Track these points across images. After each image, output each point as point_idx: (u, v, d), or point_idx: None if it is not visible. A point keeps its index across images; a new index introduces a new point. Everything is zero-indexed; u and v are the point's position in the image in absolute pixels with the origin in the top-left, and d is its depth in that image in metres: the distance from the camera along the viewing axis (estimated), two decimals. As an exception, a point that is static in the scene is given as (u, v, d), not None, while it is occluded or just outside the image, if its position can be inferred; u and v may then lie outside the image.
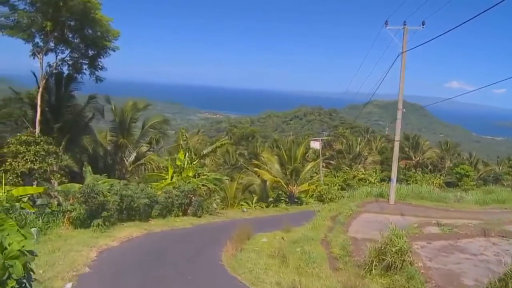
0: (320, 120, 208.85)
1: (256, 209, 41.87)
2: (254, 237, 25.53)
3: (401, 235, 13.88)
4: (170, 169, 32.62)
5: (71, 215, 20.98)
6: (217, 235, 25.00)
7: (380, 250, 14.07)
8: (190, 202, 30.65)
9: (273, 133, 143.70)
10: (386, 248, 13.74)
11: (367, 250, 14.97)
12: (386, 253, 13.67)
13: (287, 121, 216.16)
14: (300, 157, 48.64)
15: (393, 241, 13.62)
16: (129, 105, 38.69)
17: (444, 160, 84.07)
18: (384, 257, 13.67)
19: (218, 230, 27.45)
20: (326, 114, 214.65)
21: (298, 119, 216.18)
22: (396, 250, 13.29)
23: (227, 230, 27.60)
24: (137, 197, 25.76)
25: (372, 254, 14.24)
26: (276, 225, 31.56)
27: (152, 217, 27.62)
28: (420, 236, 18.54)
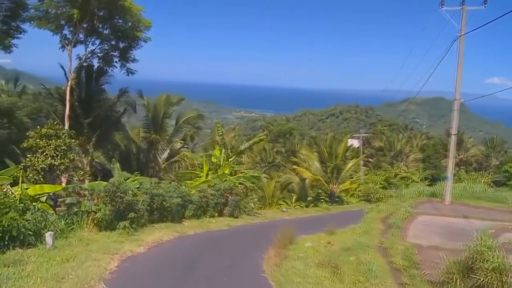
0: (357, 118, 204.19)
1: (296, 209, 39.08)
2: (297, 240, 22.68)
3: (493, 247, 10.79)
4: (205, 166, 30.15)
5: (96, 216, 18.62)
6: (256, 239, 22.39)
7: (465, 265, 11.02)
8: (227, 201, 28.13)
9: (309, 131, 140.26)
10: (474, 263, 10.69)
11: (443, 263, 11.94)
12: (474, 269, 10.62)
13: (323, 119, 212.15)
14: (341, 155, 45.59)
15: (484, 255, 10.54)
16: (162, 100, 36.47)
17: (489, 158, 79.29)
18: (473, 275, 10.60)
19: (257, 232, 24.84)
20: (363, 112, 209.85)
21: (334, 117, 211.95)
22: (493, 268, 10.18)
23: (267, 233, 24.92)
24: (169, 196, 23.35)
25: (454, 269, 11.20)
26: (318, 226, 29.01)
27: (185, 218, 25.23)
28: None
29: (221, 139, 31.29)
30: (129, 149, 38.72)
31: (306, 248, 20.82)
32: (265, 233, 24.61)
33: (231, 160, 30.93)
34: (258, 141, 32.79)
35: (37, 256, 13.37)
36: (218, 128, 31.81)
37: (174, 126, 37.47)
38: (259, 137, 33.17)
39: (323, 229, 27.57)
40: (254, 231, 25.13)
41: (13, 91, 37.80)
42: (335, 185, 44.88)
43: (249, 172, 31.96)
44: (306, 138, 77.34)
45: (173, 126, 37.54)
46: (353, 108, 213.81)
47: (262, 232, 25.17)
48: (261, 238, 22.53)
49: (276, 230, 25.78)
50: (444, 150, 79.73)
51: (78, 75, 33.28)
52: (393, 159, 68.30)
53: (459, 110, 26.84)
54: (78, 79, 33.41)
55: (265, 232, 25.27)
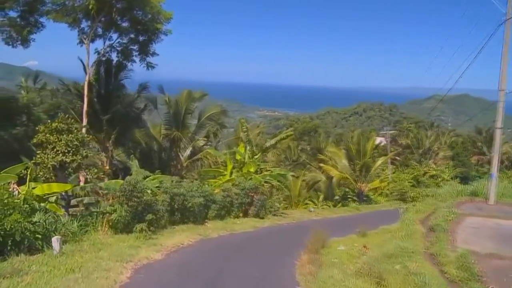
0: (380, 116, 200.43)
1: (323, 209, 37.02)
2: (329, 243, 20.69)
3: None
4: (229, 164, 28.35)
5: (111, 218, 16.92)
6: (285, 242, 20.49)
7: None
8: (252, 201, 26.28)
9: (333, 130, 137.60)
10: None
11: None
12: None
13: (346, 117, 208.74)
14: (370, 152, 43.29)
15: None
16: (183, 96, 34.75)
17: (524, 156, 75.70)
18: None
19: (285, 234, 22.94)
20: (386, 110, 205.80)
21: (357, 115, 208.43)
22: None
23: (296, 235, 23.01)
24: (190, 196, 21.63)
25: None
26: (349, 227, 27.09)
27: (208, 219, 23.50)
28: None
29: (245, 136, 29.41)
30: (150, 147, 37.13)
31: (339, 253, 18.83)
32: (294, 235, 22.71)
33: (256, 157, 29.08)
34: (285, 137, 30.81)
35: (40, 265, 11.68)
36: (243, 124, 29.92)
37: (197, 123, 35.73)
38: (286, 133, 31.12)
39: (354, 230, 25.67)
40: (282, 233, 23.21)
41: (31, 88, 36.57)
42: (363, 183, 42.65)
43: (275, 170, 30.05)
44: (331, 136, 75.13)
45: (195, 123, 35.78)
46: (377, 106, 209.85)
47: (291, 234, 23.25)
48: (290, 241, 20.62)
49: (306, 232, 23.85)
50: (473, 148, 76.72)
51: (97, 70, 31.78)
52: (422, 156, 65.45)
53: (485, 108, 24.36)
54: (97, 74, 31.91)
55: (294, 234, 23.35)
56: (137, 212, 17.76)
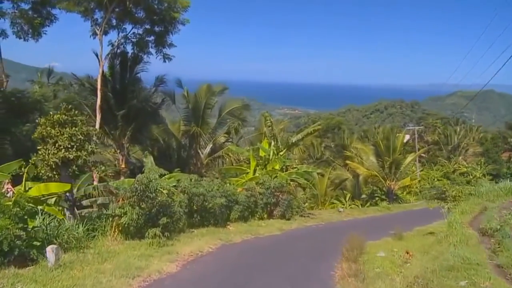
0: (402, 113, 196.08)
1: (352, 209, 34.50)
2: (366, 248, 18.20)
3: None
4: (253, 162, 25.98)
5: (120, 222, 14.69)
6: (317, 247, 18.08)
7: None
8: (278, 201, 23.91)
9: (355, 127, 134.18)
10: None
11: None
12: None
13: (367, 114, 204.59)
14: (400, 148, 40.52)
15: None
16: (203, 89, 32.49)
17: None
18: None
19: (316, 238, 20.50)
20: (408, 107, 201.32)
21: (378, 113, 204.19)
22: None
23: (328, 238, 20.55)
24: (211, 196, 19.38)
25: None
26: (382, 229, 24.65)
27: (230, 221, 21.27)
28: None
29: (269, 131, 27.04)
30: (168, 144, 34.99)
31: (380, 260, 16.30)
32: (325, 239, 20.27)
33: (281, 154, 26.69)
34: (312, 132, 28.30)
35: (27, 282, 9.47)
36: (266, 118, 27.48)
37: (217, 118, 33.40)
38: (313, 128, 28.59)
39: (389, 232, 23.14)
40: (312, 237, 20.77)
41: (44, 83, 34.66)
42: (392, 181, 39.91)
43: (302, 167, 27.59)
44: (355, 133, 72.35)
45: (215, 118, 33.47)
46: (398, 103, 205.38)
47: (322, 237, 20.82)
48: (322, 246, 18.23)
49: (338, 235, 21.46)
50: (504, 144, 73.15)
51: (112, 64, 29.73)
52: (450, 153, 62.33)
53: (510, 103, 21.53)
54: (112, 68, 29.85)
55: (325, 237, 20.91)
56: (150, 215, 15.54)
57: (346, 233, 22.68)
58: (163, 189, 18.80)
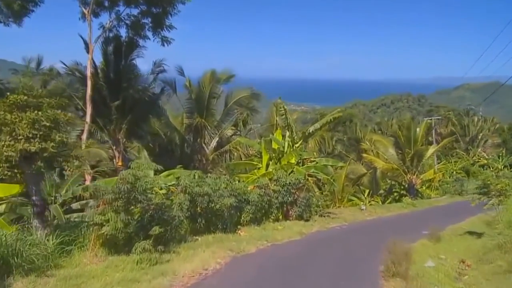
0: (409, 107, 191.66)
1: (373, 206, 30.83)
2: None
3: None
4: (265, 155, 22.36)
5: (102, 232, 11.19)
6: (350, 257, 14.51)
7: None
8: (295, 200, 20.35)
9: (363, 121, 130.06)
10: None
11: None
12: None
13: (374, 109, 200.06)
14: (421, 139, 36.76)
15: None
16: (207, 77, 28.88)
17: None
18: None
19: (345, 243, 16.92)
20: (415, 101, 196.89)
21: (385, 107, 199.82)
22: None
23: (359, 243, 16.97)
24: (218, 195, 15.84)
25: None
26: (413, 229, 21.27)
27: (241, 224, 17.79)
28: None
29: (283, 120, 23.34)
30: (170, 138, 31.44)
31: (432, 274, 12.76)
32: (356, 245, 16.69)
33: (297, 146, 23.06)
34: (331, 120, 24.35)
35: None
36: (279, 105, 23.70)
37: (223, 108, 29.74)
38: (332, 115, 24.62)
39: (422, 233, 19.78)
40: (339, 242, 17.16)
41: (29, 72, 31.09)
42: (413, 175, 36.18)
43: (321, 160, 23.92)
44: (369, 124, 68.58)
45: (222, 109, 29.82)
46: (405, 97, 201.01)
47: (351, 242, 17.22)
48: (356, 255, 14.66)
49: (367, 238, 18.05)
50: (524, 134, 69.45)
51: (105, 50, 26.24)
52: (468, 144, 58.46)
53: None
54: (105, 55, 26.37)
55: (355, 242, 17.32)
56: (142, 222, 12.05)
57: (375, 235, 19.28)
58: (159, 188, 15.39)
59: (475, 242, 20.17)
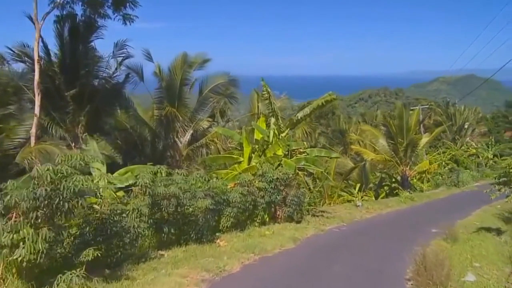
0: (386, 101, 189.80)
1: (367, 201, 27.50)
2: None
3: None
4: (247, 147, 18.65)
5: (14, 258, 7.47)
6: (362, 272, 10.97)
7: None
8: (284, 199, 16.81)
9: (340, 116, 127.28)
10: None
11: None
12: None
13: (352, 104, 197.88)
14: (414, 127, 33.56)
15: None
16: (178, 62, 24.94)
17: None
18: None
19: (350, 251, 13.40)
20: (392, 95, 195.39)
21: (363, 102, 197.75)
22: None
23: (369, 250, 13.55)
24: (190, 197, 12.20)
25: None
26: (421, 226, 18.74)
27: (221, 231, 14.14)
28: None
29: (267, 105, 19.54)
30: (140, 134, 27.38)
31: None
32: (365, 252, 13.24)
33: (284, 135, 19.41)
34: (323, 104, 20.41)
35: None
36: (264, 88, 19.74)
37: (198, 97, 25.80)
38: (324, 99, 20.55)
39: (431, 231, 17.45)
40: (343, 249, 13.64)
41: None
42: (407, 166, 32.96)
43: (313, 151, 20.30)
44: (353, 116, 65.46)
45: (196, 98, 25.85)
46: (382, 91, 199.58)
47: (357, 249, 13.74)
48: (369, 269, 11.14)
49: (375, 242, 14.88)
50: (505, 123, 67.37)
51: (60, 32, 22.19)
52: (456, 134, 55.67)
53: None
54: (60, 37, 22.32)
55: (363, 249, 13.89)
56: (83, 238, 8.37)
57: (382, 238, 15.93)
58: (114, 191, 11.70)
59: (498, 242, 17.01)
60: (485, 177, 40.11)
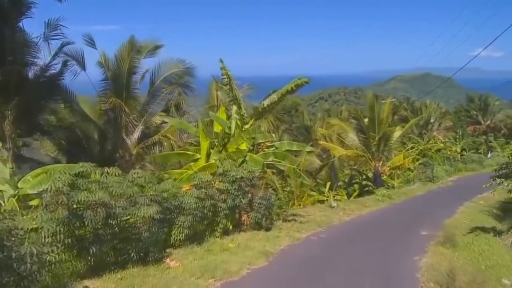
0: (346, 99, 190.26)
1: (341, 201, 24.80)
2: None
3: None
4: (204, 141, 15.39)
5: None
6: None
7: None
8: (251, 202, 13.75)
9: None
10: None
11: None
12: None
13: (312, 103, 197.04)
14: (386, 119, 31.05)
15: None
16: (125, 47, 21.41)
17: (522, 122, 65.22)
18: None
19: (337, 268, 10.39)
20: (351, 93, 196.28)
21: (323, 101, 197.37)
22: None
23: (361, 268, 10.59)
24: (125, 205, 8.97)
25: None
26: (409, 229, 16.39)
27: (172, 246, 10.96)
28: None
29: (227, 91, 16.13)
30: (86, 133, 23.64)
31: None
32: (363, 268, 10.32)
33: (248, 126, 16.17)
34: (293, 89, 17.10)
35: None
36: (223, 71, 16.25)
37: (149, 88, 22.33)
38: (294, 83, 17.19)
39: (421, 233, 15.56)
40: (331, 266, 10.63)
41: None
42: (379, 162, 30.47)
43: (283, 144, 17.21)
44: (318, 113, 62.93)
45: (146, 89, 22.36)
46: (342, 90, 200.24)
47: (352, 264, 10.79)
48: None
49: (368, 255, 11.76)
50: (467, 117, 66.80)
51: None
52: (422, 129, 53.99)
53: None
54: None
55: (355, 265, 10.90)
56: None
57: (371, 245, 13.05)
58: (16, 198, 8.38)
59: (504, 245, 14.52)
60: (457, 172, 38.32)
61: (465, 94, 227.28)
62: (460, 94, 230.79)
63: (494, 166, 18.55)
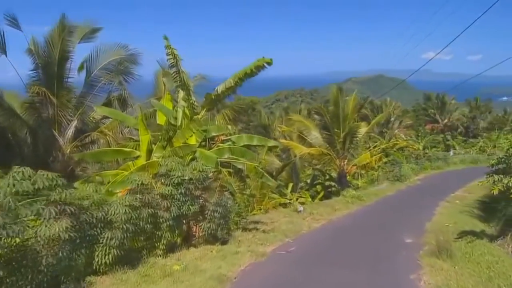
0: (302, 101, 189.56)
1: (307, 204, 22.26)
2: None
3: None
4: (144, 134, 12.28)
5: None
6: None
7: None
8: (202, 210, 10.86)
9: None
10: None
11: None
12: None
13: (268, 105, 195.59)
14: (352, 115, 28.67)
15: None
16: (56, 30, 17.96)
17: (476, 120, 65.35)
18: None
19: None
20: (308, 95, 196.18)
21: (279, 103, 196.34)
22: None
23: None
24: (15, 222, 5.83)
25: None
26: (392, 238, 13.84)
27: (97, 273, 7.90)
28: None
29: (174, 75, 13.07)
30: (13, 130, 19.94)
31: None
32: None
33: (199, 116, 13.10)
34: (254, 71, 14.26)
35: None
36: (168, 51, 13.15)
37: (85, 77, 18.92)
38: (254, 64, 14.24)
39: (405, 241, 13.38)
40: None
41: None
42: (344, 160, 28.12)
43: (241, 138, 14.24)
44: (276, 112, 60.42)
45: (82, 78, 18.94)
46: (298, 92, 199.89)
47: None
48: None
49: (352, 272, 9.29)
50: (424, 115, 66.69)
51: None
52: (383, 127, 52.48)
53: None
54: None
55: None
56: None
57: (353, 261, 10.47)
58: None
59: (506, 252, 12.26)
60: (423, 170, 36.69)
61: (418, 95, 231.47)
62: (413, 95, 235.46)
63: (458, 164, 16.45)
